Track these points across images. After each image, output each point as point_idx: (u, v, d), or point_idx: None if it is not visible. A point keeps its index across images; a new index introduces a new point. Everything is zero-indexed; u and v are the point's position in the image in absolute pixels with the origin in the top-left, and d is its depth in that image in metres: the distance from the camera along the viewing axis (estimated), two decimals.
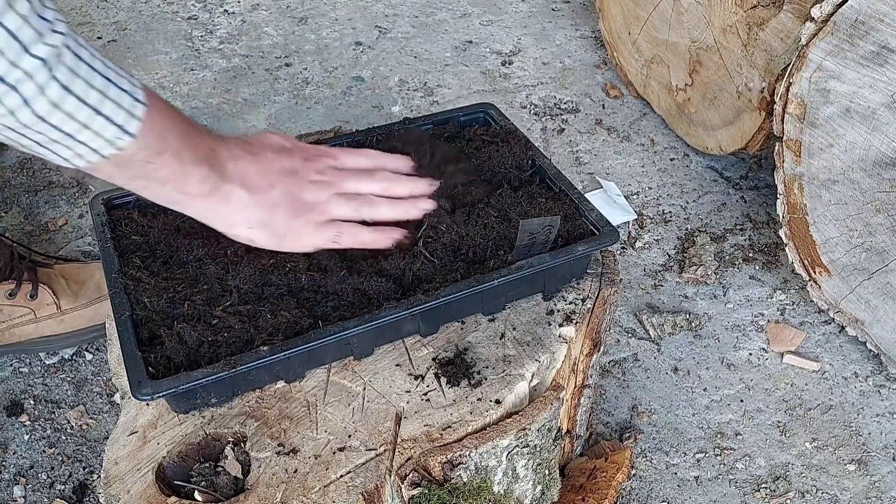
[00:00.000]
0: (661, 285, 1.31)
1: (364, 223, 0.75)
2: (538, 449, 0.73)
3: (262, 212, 0.69)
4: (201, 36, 1.93)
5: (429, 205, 0.77)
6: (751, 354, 1.20)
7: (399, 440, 0.66)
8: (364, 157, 0.78)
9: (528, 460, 0.73)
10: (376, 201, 0.75)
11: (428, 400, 0.70)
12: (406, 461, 0.65)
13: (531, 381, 0.73)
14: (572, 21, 2.03)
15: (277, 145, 0.73)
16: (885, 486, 1.03)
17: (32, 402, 1.11)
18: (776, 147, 1.16)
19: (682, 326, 1.23)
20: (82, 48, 0.54)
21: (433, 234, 0.76)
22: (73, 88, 0.53)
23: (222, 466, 0.65)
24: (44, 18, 0.51)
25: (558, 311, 0.78)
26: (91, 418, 1.10)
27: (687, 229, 1.42)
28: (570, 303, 0.79)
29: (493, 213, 0.79)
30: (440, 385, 0.71)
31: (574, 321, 0.77)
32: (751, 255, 1.37)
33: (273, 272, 0.73)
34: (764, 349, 1.21)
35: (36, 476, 1.03)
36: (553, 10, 2.08)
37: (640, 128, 1.66)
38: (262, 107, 1.70)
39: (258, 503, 0.62)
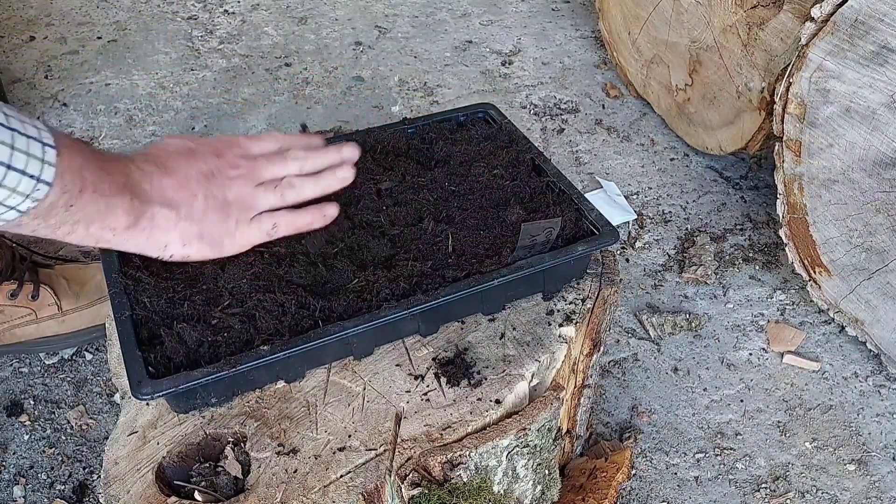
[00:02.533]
0: (661, 285, 1.31)
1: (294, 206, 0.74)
2: (538, 449, 0.73)
3: (193, 225, 0.66)
4: (201, 36, 1.93)
5: (348, 172, 0.75)
6: (751, 354, 1.20)
7: (399, 440, 0.66)
8: (271, 141, 0.76)
9: (528, 460, 0.73)
10: (297, 182, 0.73)
11: (428, 400, 0.70)
12: (406, 461, 0.65)
13: (531, 381, 0.73)
14: (572, 21, 2.03)
15: (183, 149, 0.70)
16: (885, 486, 1.03)
17: (32, 402, 1.11)
18: (776, 147, 1.16)
19: (682, 326, 1.23)
20: None
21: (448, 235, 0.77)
22: None
23: (222, 466, 0.65)
24: None
25: (558, 311, 0.78)
26: (91, 418, 1.10)
27: (687, 229, 1.42)
28: (570, 303, 0.79)
29: (493, 214, 0.79)
30: (440, 385, 0.71)
31: (574, 321, 0.77)
32: (751, 255, 1.37)
33: (272, 270, 0.73)
34: (764, 349, 1.21)
35: (36, 476, 1.03)
36: (553, 10, 2.08)
37: (640, 128, 1.66)
38: (262, 107, 1.70)
39: (258, 503, 0.62)
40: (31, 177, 0.52)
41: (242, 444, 0.66)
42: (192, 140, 0.71)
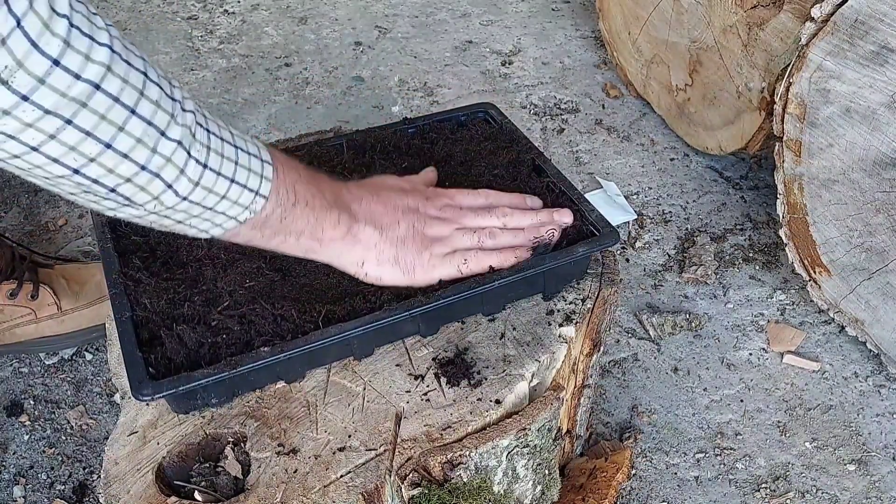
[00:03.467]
0: (661, 285, 1.31)
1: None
2: (538, 449, 0.73)
3: (392, 247, 0.70)
4: (201, 36, 1.93)
5: (554, 233, 0.76)
6: (751, 354, 1.20)
7: (399, 440, 0.66)
8: (481, 197, 0.79)
9: (528, 460, 0.73)
10: (497, 232, 0.75)
11: (428, 400, 0.70)
12: (406, 461, 0.65)
13: (531, 381, 0.73)
14: (572, 21, 2.03)
15: (396, 186, 0.75)
16: (885, 486, 1.03)
17: (32, 402, 1.11)
18: (776, 147, 1.16)
19: (682, 326, 1.23)
20: (209, 121, 0.56)
21: None
22: (210, 163, 0.54)
23: (222, 466, 0.65)
24: (174, 99, 0.52)
25: (558, 311, 0.78)
26: (91, 418, 1.10)
27: (687, 229, 1.42)
28: (570, 303, 0.79)
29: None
30: (440, 385, 0.71)
31: (574, 321, 0.77)
32: (751, 255, 1.37)
33: (271, 272, 0.73)
34: (764, 349, 1.21)
35: (36, 476, 1.03)
36: (553, 10, 2.08)
37: (640, 128, 1.66)
38: (262, 107, 1.70)
39: (258, 503, 0.62)
40: (251, 190, 0.57)
41: (242, 444, 0.67)
42: (408, 181, 0.77)
